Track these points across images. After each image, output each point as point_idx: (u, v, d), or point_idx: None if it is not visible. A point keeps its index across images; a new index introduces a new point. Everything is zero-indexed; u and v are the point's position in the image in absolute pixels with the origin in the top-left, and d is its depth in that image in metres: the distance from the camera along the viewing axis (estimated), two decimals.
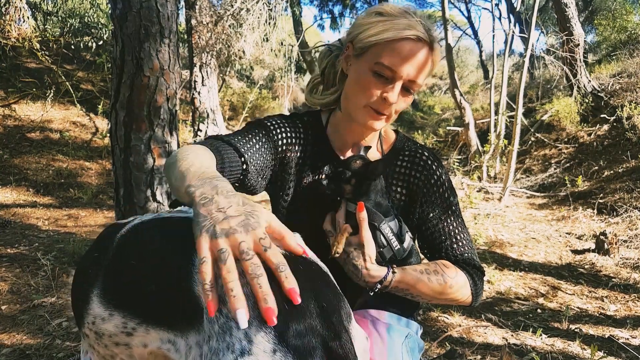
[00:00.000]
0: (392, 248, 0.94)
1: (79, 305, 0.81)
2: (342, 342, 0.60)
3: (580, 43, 6.90)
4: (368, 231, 0.91)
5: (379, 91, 0.92)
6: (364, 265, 0.90)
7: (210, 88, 6.80)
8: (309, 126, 1.09)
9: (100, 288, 0.76)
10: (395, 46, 0.89)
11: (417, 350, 1.00)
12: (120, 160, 2.47)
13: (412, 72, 0.90)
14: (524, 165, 7.18)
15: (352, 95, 0.96)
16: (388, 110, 0.94)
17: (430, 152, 1.07)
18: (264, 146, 0.99)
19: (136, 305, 0.72)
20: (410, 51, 0.90)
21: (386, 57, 0.90)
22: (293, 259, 0.65)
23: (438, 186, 1.03)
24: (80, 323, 0.81)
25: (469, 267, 1.01)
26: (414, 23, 0.90)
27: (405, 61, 0.89)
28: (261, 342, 0.55)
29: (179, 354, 0.66)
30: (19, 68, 6.50)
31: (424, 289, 0.93)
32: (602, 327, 2.40)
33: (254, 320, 0.56)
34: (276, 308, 0.55)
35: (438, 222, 1.03)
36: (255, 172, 0.97)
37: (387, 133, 1.12)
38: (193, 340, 0.63)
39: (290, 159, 1.05)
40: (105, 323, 0.75)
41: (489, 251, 3.64)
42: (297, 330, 0.57)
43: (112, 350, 0.77)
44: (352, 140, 1.06)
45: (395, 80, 0.91)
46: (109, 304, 0.75)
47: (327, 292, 0.64)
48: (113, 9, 2.42)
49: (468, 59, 21.90)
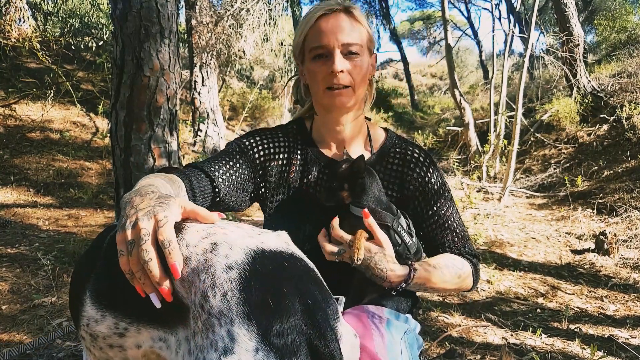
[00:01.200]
0: (406, 245, 0.95)
1: (74, 308, 0.81)
2: (327, 341, 0.59)
3: (580, 43, 6.90)
4: (382, 233, 0.92)
5: (325, 70, 0.98)
6: (389, 267, 0.91)
7: (210, 88, 6.80)
8: (294, 133, 1.13)
9: (92, 290, 0.77)
10: (314, 28, 0.99)
11: (416, 347, 1.00)
12: (120, 160, 2.47)
13: (339, 37, 0.97)
14: (524, 165, 7.18)
15: (312, 88, 1.05)
16: (343, 80, 0.98)
17: (421, 150, 1.09)
18: (238, 163, 1.05)
19: (126, 305, 0.72)
20: (327, 22, 0.98)
21: (312, 40, 1.00)
22: (278, 257, 0.64)
23: (432, 183, 1.05)
24: (77, 325, 0.81)
25: (471, 256, 1.06)
26: (324, 4, 1.00)
27: (327, 32, 0.97)
28: (244, 340, 0.55)
29: (170, 351, 0.66)
30: (19, 68, 6.50)
31: (438, 282, 0.97)
32: (602, 326, 2.40)
33: (236, 317, 0.56)
34: (170, 287, 0.60)
35: (437, 218, 1.05)
36: (233, 190, 1.03)
37: (376, 133, 1.14)
38: (182, 335, 0.63)
39: (272, 167, 1.10)
40: (98, 325, 0.75)
41: (489, 251, 3.65)
42: (281, 329, 0.57)
43: (107, 353, 0.77)
44: (336, 136, 1.09)
45: (330, 52, 0.97)
46: (100, 305, 0.75)
47: (313, 290, 0.64)
48: (113, 9, 2.42)
49: (468, 59, 21.92)
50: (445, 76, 19.57)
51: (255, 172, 1.09)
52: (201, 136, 6.73)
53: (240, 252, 0.62)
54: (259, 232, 0.69)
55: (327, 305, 0.64)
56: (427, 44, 25.62)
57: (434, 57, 25.51)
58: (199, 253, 0.63)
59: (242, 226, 0.70)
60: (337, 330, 0.64)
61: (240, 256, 0.62)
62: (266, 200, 1.12)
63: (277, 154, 1.10)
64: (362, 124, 1.12)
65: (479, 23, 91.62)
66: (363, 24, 1.02)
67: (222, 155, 1.06)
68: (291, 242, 0.72)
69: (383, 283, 0.93)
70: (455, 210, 1.08)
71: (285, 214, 1.09)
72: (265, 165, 1.09)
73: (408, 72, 17.06)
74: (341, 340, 0.64)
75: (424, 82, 22.51)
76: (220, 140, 6.84)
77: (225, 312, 0.57)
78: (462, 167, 7.42)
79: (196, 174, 0.98)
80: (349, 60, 0.98)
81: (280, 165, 1.10)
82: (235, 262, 0.61)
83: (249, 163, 1.07)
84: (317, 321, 0.60)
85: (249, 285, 0.59)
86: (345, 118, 1.06)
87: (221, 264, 0.60)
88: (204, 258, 0.62)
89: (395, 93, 17.38)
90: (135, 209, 0.65)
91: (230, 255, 0.62)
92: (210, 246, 0.63)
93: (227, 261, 0.61)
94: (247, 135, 1.13)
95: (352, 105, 1.02)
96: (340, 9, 0.99)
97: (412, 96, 16.62)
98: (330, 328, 0.62)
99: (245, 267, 0.60)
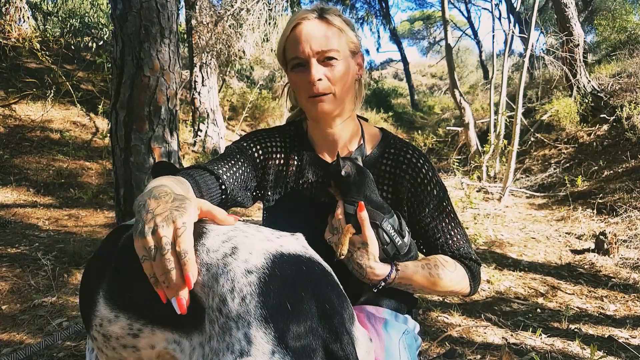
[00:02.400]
0: (394, 244, 0.96)
1: (86, 308, 0.81)
2: (343, 345, 0.60)
3: (580, 43, 6.90)
4: (371, 230, 0.93)
5: (304, 79, 0.98)
6: (368, 264, 0.92)
7: (210, 88, 6.80)
8: (291, 134, 1.14)
9: (106, 290, 0.77)
10: (290, 38, 1.00)
11: (415, 347, 1.00)
12: (120, 160, 2.47)
13: (313, 45, 0.97)
14: (524, 165, 7.18)
15: (298, 98, 1.07)
16: (322, 88, 0.98)
17: (415, 150, 1.08)
18: (240, 162, 1.06)
19: (141, 306, 0.72)
20: (301, 32, 0.98)
21: (289, 50, 1.00)
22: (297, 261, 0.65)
23: (425, 184, 1.04)
24: (88, 326, 0.81)
25: (467, 260, 1.04)
26: (300, 12, 1.00)
27: (301, 42, 0.97)
28: (260, 343, 0.55)
29: (184, 354, 0.66)
30: (19, 68, 6.50)
31: (425, 283, 0.96)
32: (602, 326, 2.40)
33: (254, 320, 0.56)
34: (187, 298, 0.61)
35: (431, 220, 1.04)
36: (237, 188, 1.04)
37: (371, 133, 1.13)
38: (197, 341, 0.64)
39: (271, 167, 1.11)
40: (111, 325, 0.75)
41: (488, 251, 3.65)
42: (297, 332, 0.57)
43: (121, 353, 0.77)
44: (328, 138, 1.09)
45: (307, 61, 0.97)
46: (114, 305, 0.75)
47: (330, 294, 0.64)
48: (113, 9, 2.42)
49: (468, 59, 21.91)
50: (445, 76, 19.56)
51: (257, 171, 1.09)
52: (201, 136, 6.73)
53: (260, 256, 0.63)
54: (278, 235, 0.70)
55: (343, 309, 0.65)
56: (427, 44, 25.63)
57: (434, 57, 25.53)
58: (219, 257, 0.64)
59: (262, 229, 0.71)
60: (353, 334, 0.65)
61: (259, 260, 0.62)
62: (264, 199, 1.13)
63: (274, 153, 1.11)
64: (355, 125, 1.11)
65: (479, 23, 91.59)
66: (340, 27, 1.00)
67: (223, 156, 1.07)
68: (309, 246, 0.72)
69: (362, 279, 0.94)
70: (451, 212, 1.06)
71: (281, 215, 1.10)
72: (265, 164, 1.10)
73: (408, 72, 17.08)
74: (357, 344, 0.64)
75: (424, 82, 22.51)
76: (220, 140, 6.84)
77: (243, 315, 0.57)
78: (462, 167, 7.42)
79: (201, 174, 0.98)
80: (326, 67, 0.98)
81: (277, 165, 1.11)
82: (255, 267, 0.61)
83: (250, 161, 1.08)
84: (333, 325, 0.60)
85: (267, 289, 0.59)
86: (334, 122, 1.06)
87: (241, 269, 0.61)
88: (223, 262, 0.63)
89: (395, 93, 17.39)
90: (152, 213, 0.65)
91: (250, 260, 0.62)
92: (230, 250, 0.64)
93: (246, 265, 0.61)
94: (245, 137, 1.13)
95: (334, 109, 1.02)
96: (314, 17, 0.99)
97: (412, 96, 16.63)
98: (347, 332, 0.62)
99: (264, 271, 0.61)
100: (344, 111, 1.05)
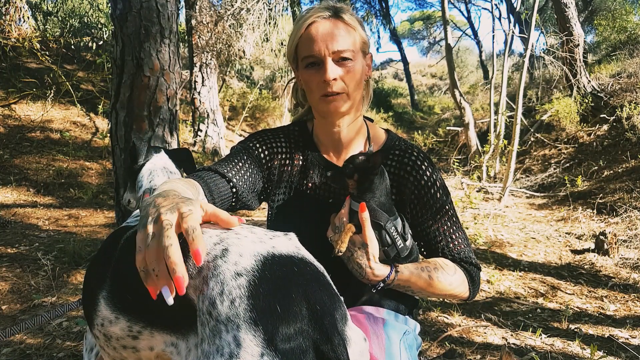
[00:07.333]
0: (396, 247, 0.95)
1: (88, 307, 0.82)
2: (334, 346, 0.59)
3: (580, 43, 6.90)
4: (371, 230, 0.92)
5: (318, 78, 0.98)
6: (367, 264, 0.92)
7: (211, 88, 6.80)
8: (295, 135, 1.14)
9: (107, 291, 0.77)
10: (305, 37, 0.99)
11: (415, 347, 1.00)
12: (120, 160, 2.47)
13: (329, 45, 0.97)
14: (524, 165, 7.18)
15: (309, 96, 1.06)
16: (336, 87, 0.98)
17: (420, 152, 1.08)
18: (247, 163, 1.06)
19: (140, 309, 0.72)
20: (317, 31, 0.98)
21: (303, 49, 1.00)
22: (288, 262, 0.65)
23: (429, 187, 1.03)
24: (91, 324, 0.81)
25: (467, 264, 1.04)
26: (313, 10, 1.00)
27: (317, 41, 0.97)
28: (249, 346, 0.55)
29: (180, 356, 0.66)
30: (19, 68, 6.50)
31: (424, 286, 0.96)
32: (602, 326, 2.40)
33: (243, 323, 0.56)
34: (186, 276, 0.57)
35: (433, 222, 1.04)
36: (247, 190, 1.04)
37: (376, 134, 1.13)
38: (192, 342, 0.64)
39: (275, 167, 1.11)
40: (112, 326, 0.75)
41: (489, 251, 3.65)
42: (287, 334, 0.57)
43: (121, 353, 0.77)
44: (334, 138, 1.09)
45: (322, 61, 0.97)
46: (115, 307, 0.75)
47: (321, 294, 0.64)
48: (113, 9, 2.42)
49: (468, 59, 21.92)
50: (445, 76, 19.57)
51: (263, 171, 1.10)
52: (201, 136, 6.73)
53: (251, 258, 0.62)
54: (271, 236, 0.69)
55: (335, 309, 0.64)
56: (427, 44, 25.65)
57: (434, 57, 25.54)
58: (210, 260, 0.63)
59: (255, 230, 0.70)
60: (346, 334, 0.64)
61: (250, 262, 0.62)
62: (269, 199, 1.13)
63: (279, 153, 1.11)
64: (362, 126, 1.12)
65: (479, 23, 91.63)
66: (354, 27, 1.01)
67: (230, 157, 1.07)
68: (301, 246, 0.72)
69: (362, 279, 0.94)
70: (454, 215, 1.06)
71: (285, 215, 1.10)
72: (270, 164, 1.11)
73: (408, 72, 17.09)
74: (349, 345, 0.64)
75: (424, 82, 22.52)
76: (220, 140, 6.84)
77: (232, 318, 0.57)
78: (462, 167, 7.42)
79: (211, 176, 0.98)
80: (341, 67, 0.98)
81: (282, 165, 1.11)
82: (245, 269, 0.61)
83: (257, 162, 1.08)
84: (324, 326, 0.60)
85: (257, 292, 0.59)
86: (342, 121, 1.06)
87: (230, 271, 0.61)
88: (214, 265, 0.62)
89: (395, 93, 17.40)
90: (157, 207, 0.64)
91: (240, 262, 0.62)
92: (221, 252, 0.64)
93: (236, 268, 0.61)
94: (250, 137, 1.13)
95: (347, 109, 1.02)
96: (330, 15, 0.99)
97: (412, 96, 16.64)
98: (338, 333, 0.62)
99: (254, 273, 0.61)
100: (353, 110, 1.05)
